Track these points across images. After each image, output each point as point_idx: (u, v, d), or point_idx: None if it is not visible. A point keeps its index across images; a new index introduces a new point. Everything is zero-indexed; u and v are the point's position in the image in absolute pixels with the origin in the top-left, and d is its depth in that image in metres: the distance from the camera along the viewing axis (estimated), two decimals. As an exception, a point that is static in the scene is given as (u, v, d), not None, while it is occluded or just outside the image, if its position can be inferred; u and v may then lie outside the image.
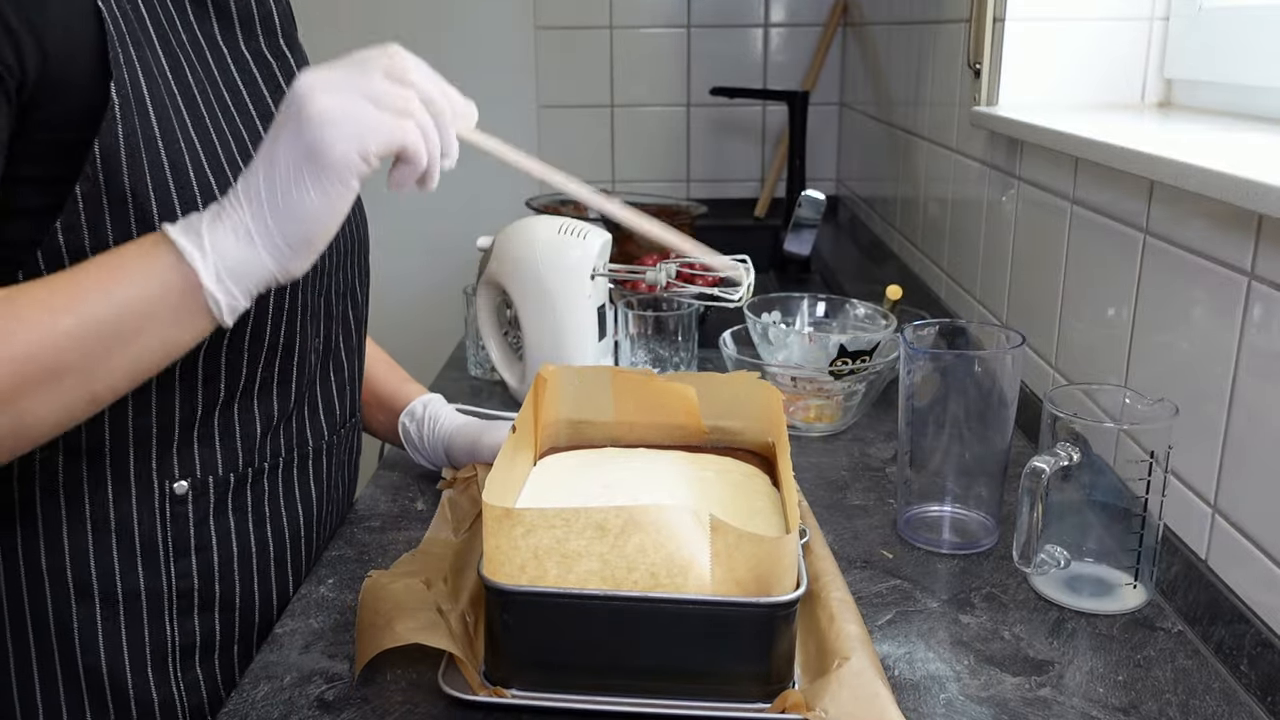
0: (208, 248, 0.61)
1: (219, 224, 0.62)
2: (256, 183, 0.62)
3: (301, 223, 0.62)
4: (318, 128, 0.60)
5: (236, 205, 0.62)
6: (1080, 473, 0.78)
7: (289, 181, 0.61)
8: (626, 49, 2.36)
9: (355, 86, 0.61)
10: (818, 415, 1.13)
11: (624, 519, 0.63)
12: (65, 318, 0.60)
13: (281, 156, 0.61)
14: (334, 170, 0.61)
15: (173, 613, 0.79)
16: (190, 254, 0.61)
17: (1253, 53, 1.01)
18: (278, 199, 0.61)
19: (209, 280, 0.61)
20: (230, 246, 0.61)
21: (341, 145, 0.60)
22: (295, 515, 0.86)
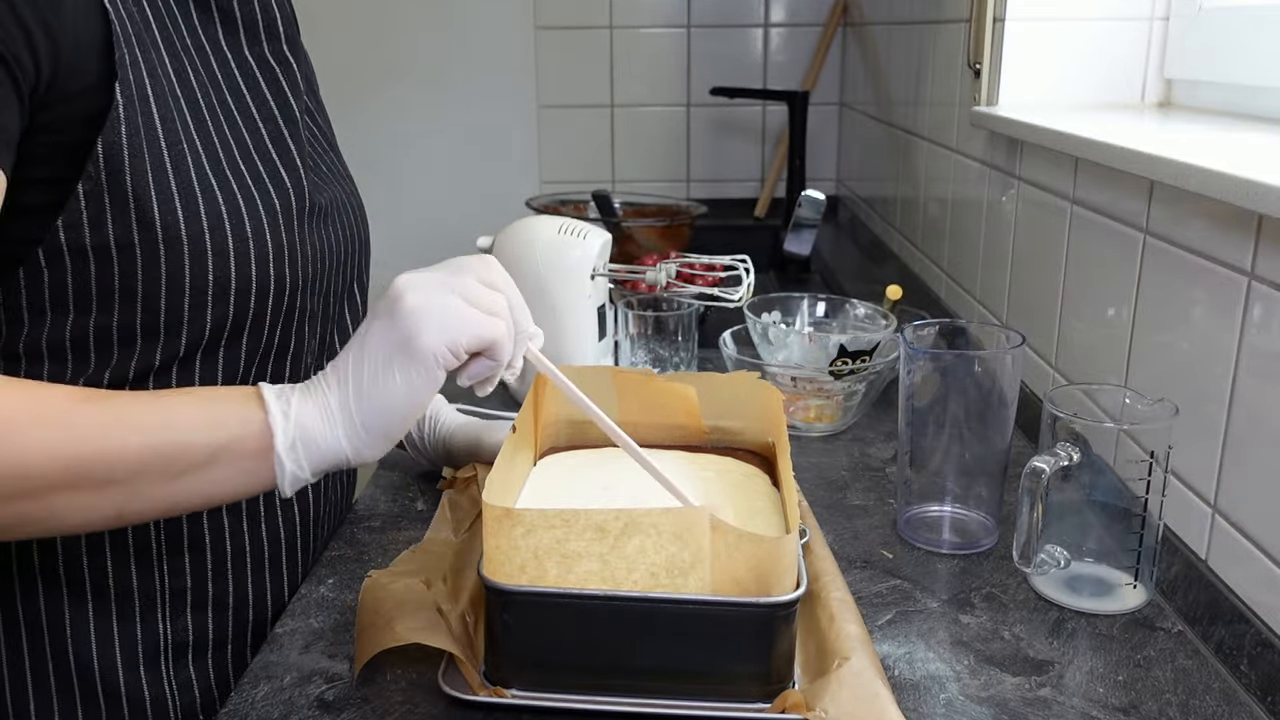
0: (292, 415, 0.63)
1: (307, 398, 0.64)
2: (346, 367, 0.64)
3: (383, 412, 0.64)
4: (412, 319, 0.63)
5: (326, 385, 0.64)
6: (1080, 473, 0.78)
7: (377, 369, 0.63)
8: (626, 49, 2.36)
9: (450, 286, 0.64)
10: (818, 415, 1.13)
11: (624, 520, 0.63)
12: (134, 436, 0.61)
13: (373, 345, 0.64)
14: (422, 360, 0.63)
15: (165, 611, 0.79)
16: (275, 417, 0.63)
17: (1253, 53, 1.02)
18: (364, 384, 0.63)
19: (282, 447, 0.63)
20: (311, 420, 0.63)
21: (432, 336, 0.63)
22: (291, 516, 0.85)
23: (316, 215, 0.82)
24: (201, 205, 0.71)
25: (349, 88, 2.31)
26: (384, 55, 2.35)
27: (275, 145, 0.79)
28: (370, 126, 2.35)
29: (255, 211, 0.74)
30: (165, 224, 0.69)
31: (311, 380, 0.65)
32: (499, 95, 2.38)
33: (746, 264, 1.44)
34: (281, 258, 0.76)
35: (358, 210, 0.91)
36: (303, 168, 0.80)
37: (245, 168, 0.76)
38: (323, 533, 0.91)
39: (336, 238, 0.85)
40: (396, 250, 2.06)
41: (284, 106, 0.81)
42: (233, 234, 0.72)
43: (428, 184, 2.42)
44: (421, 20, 2.33)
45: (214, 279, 0.72)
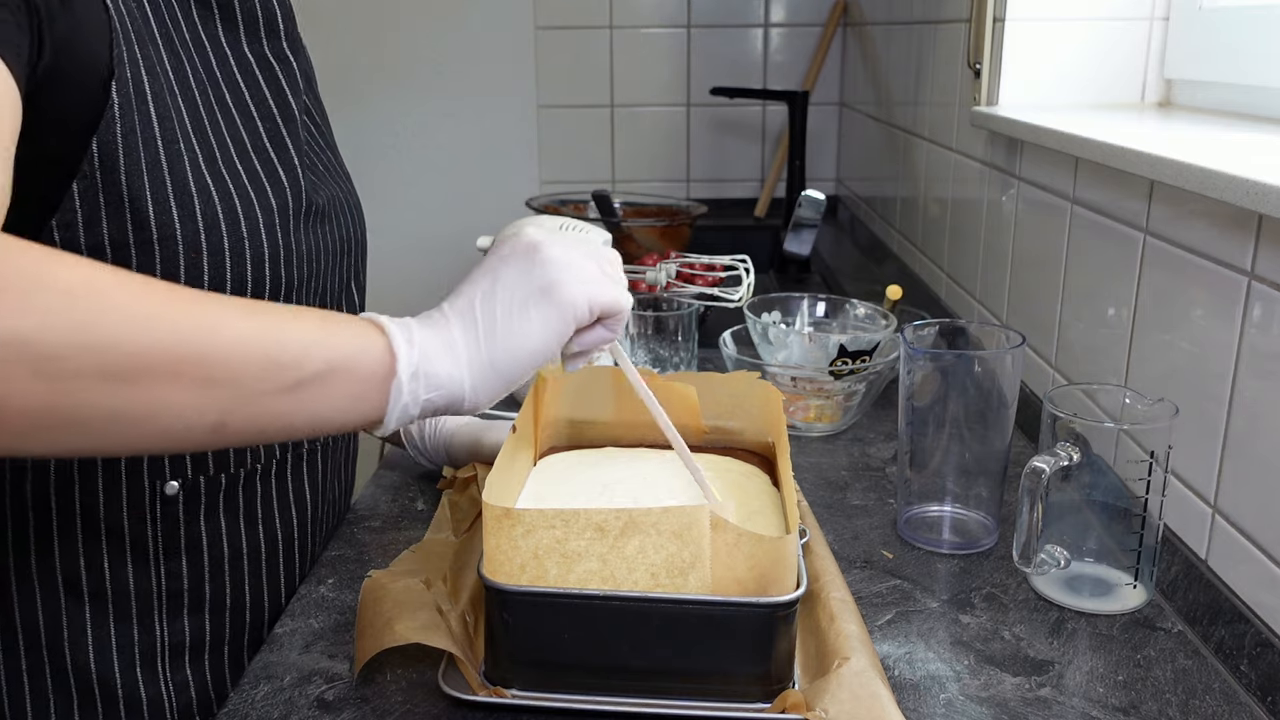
0: (415, 342, 0.59)
1: (428, 328, 0.61)
2: (473, 304, 0.62)
3: (513, 353, 0.61)
4: (555, 268, 0.61)
5: (446, 320, 0.61)
6: (1080, 473, 0.78)
7: (512, 309, 0.61)
8: (626, 49, 2.36)
9: (584, 251, 0.63)
10: (818, 415, 1.13)
11: (624, 520, 0.63)
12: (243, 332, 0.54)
13: (508, 284, 0.61)
14: (563, 309, 0.61)
15: (162, 613, 0.79)
16: (397, 341, 0.59)
17: (1253, 53, 1.02)
18: (496, 322, 0.61)
19: (404, 372, 0.58)
20: (435, 352, 0.60)
21: (576, 288, 0.62)
22: (289, 517, 0.85)
23: (313, 215, 0.82)
24: (197, 205, 0.71)
25: (349, 87, 2.31)
26: (383, 54, 2.35)
27: (273, 144, 0.79)
28: (370, 126, 2.35)
29: (252, 212, 0.74)
30: (160, 224, 0.69)
31: (424, 315, 0.61)
32: (499, 95, 2.38)
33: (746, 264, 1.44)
34: (277, 258, 0.76)
35: (355, 209, 0.91)
36: (300, 167, 0.80)
37: (242, 167, 0.75)
38: (321, 534, 0.90)
39: (333, 237, 0.85)
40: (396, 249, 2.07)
41: (283, 105, 0.81)
42: (228, 234, 0.72)
43: (427, 183, 2.42)
44: (421, 20, 2.33)
45: (209, 279, 0.72)
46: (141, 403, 0.52)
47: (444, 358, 0.60)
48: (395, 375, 0.58)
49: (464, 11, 2.33)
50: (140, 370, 0.51)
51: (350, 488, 0.98)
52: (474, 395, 0.61)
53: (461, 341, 0.60)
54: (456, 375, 0.60)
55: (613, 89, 2.38)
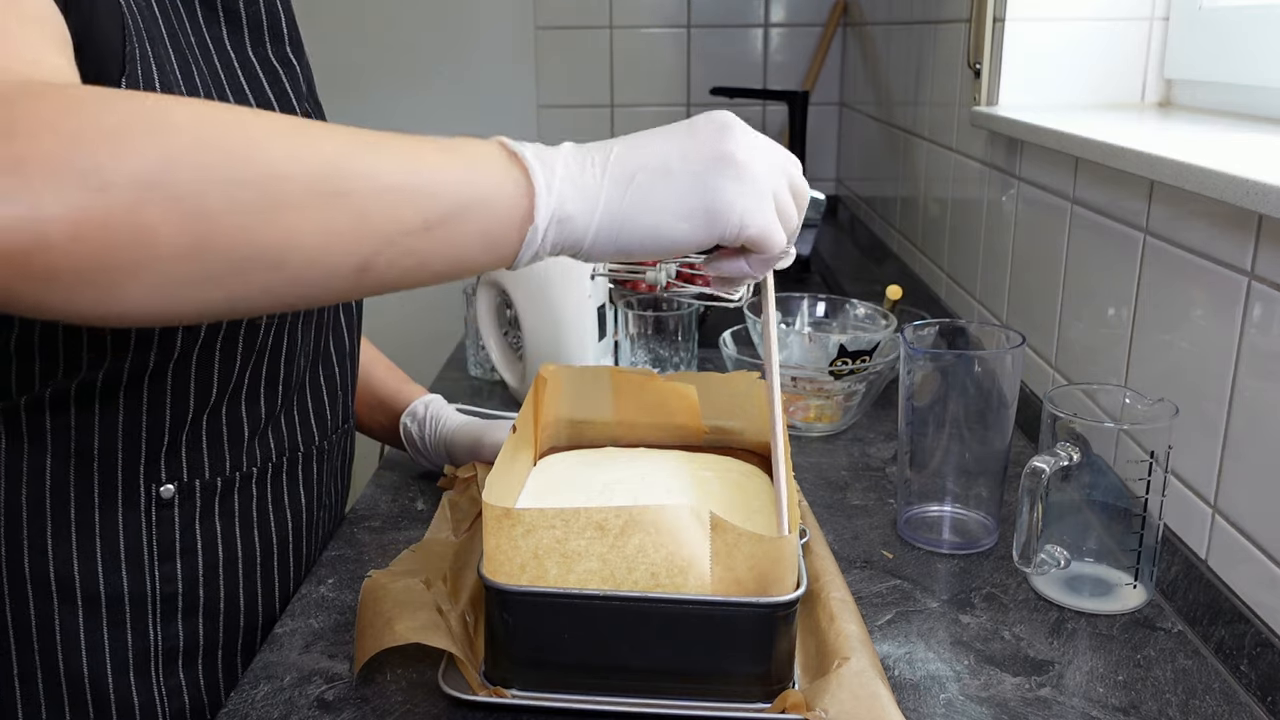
0: (555, 189, 0.55)
1: (570, 173, 0.56)
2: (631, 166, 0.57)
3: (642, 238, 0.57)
4: (730, 174, 0.57)
5: (595, 167, 0.57)
6: (1080, 473, 0.78)
7: (666, 195, 0.57)
8: (626, 49, 2.36)
9: (769, 170, 0.59)
10: (818, 415, 1.13)
11: (624, 519, 0.63)
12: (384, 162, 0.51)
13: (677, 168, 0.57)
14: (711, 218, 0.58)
15: (156, 617, 0.78)
16: (539, 187, 0.55)
17: (1253, 53, 1.02)
18: (642, 197, 0.57)
19: (541, 220, 0.55)
20: (572, 199, 0.56)
21: (736, 209, 0.58)
22: (284, 521, 0.85)
23: None
24: None
25: (348, 87, 2.31)
26: (383, 55, 2.35)
27: None
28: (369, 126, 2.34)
29: None
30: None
31: (577, 149, 0.57)
32: (499, 95, 2.37)
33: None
34: None
35: None
36: None
37: None
38: (316, 538, 0.90)
39: None
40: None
41: (286, 109, 0.81)
42: None
43: (428, 184, 2.41)
44: (421, 20, 2.33)
45: None
46: (280, 238, 0.49)
47: (579, 205, 0.56)
48: (533, 220, 0.55)
49: (464, 11, 2.33)
50: (278, 202, 0.48)
51: (346, 492, 0.98)
52: (588, 253, 0.58)
53: (605, 195, 0.56)
54: (586, 226, 0.56)
55: (613, 89, 2.38)
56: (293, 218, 0.48)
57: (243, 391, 0.79)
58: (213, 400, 0.77)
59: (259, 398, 0.80)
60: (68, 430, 0.73)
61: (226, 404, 0.78)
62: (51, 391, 0.73)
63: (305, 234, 0.49)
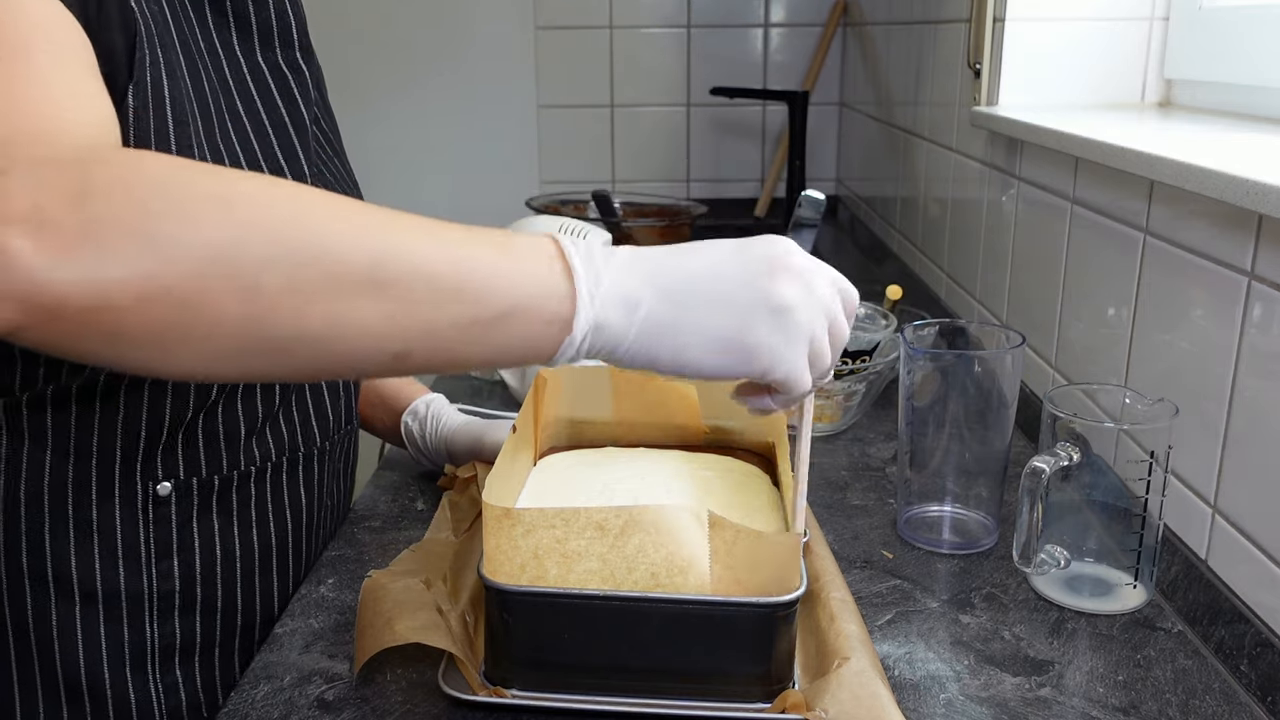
0: (597, 302, 0.55)
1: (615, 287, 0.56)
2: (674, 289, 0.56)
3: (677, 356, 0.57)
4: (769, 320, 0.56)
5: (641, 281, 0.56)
6: (1080, 473, 0.78)
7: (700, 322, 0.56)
8: (626, 49, 2.36)
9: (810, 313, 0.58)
10: (818, 415, 1.13)
11: (624, 519, 0.63)
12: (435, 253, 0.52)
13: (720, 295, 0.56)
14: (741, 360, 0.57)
15: (153, 614, 0.79)
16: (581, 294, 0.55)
17: (1253, 53, 1.02)
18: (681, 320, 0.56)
19: (580, 329, 0.55)
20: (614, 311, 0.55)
21: (766, 353, 0.57)
22: (283, 520, 0.85)
23: None
24: None
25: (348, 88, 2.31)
26: (383, 55, 2.35)
27: (285, 154, 0.79)
28: (370, 126, 2.35)
29: None
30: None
31: (630, 256, 0.57)
32: (499, 95, 2.37)
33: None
34: None
35: None
36: (310, 177, 0.80)
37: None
38: (317, 539, 0.90)
39: None
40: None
41: (295, 115, 0.81)
42: None
43: (427, 184, 2.42)
44: (421, 20, 2.33)
45: None
46: (327, 322, 0.50)
47: (619, 316, 0.56)
48: (572, 331, 0.55)
49: (464, 11, 2.33)
50: (334, 287, 0.50)
51: (349, 493, 0.98)
52: (623, 358, 0.58)
53: (646, 309, 0.56)
54: (623, 336, 0.56)
55: (613, 89, 2.38)
56: (345, 303, 0.50)
57: (239, 390, 0.79)
58: (210, 399, 0.77)
59: (255, 397, 0.80)
60: (67, 427, 0.74)
61: (224, 403, 0.78)
62: (53, 390, 0.73)
63: (354, 319, 0.51)
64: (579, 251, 0.56)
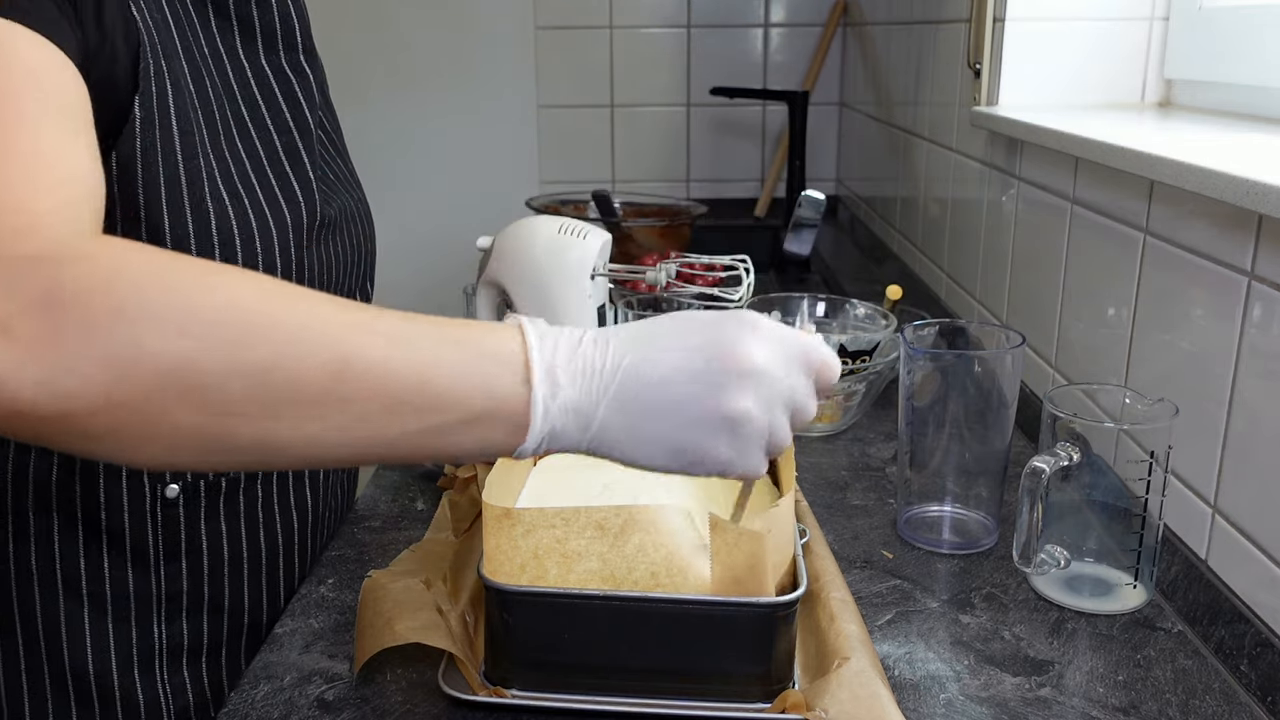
0: (554, 412, 0.55)
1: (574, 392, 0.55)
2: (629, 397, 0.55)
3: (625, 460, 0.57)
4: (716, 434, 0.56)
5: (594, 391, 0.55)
6: (1080, 473, 0.78)
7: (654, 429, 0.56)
8: (626, 49, 2.36)
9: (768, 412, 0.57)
10: (818, 415, 1.13)
11: (624, 519, 0.63)
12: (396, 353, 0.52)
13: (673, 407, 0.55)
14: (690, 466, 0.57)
15: (161, 615, 0.79)
16: (536, 408, 0.54)
17: (1253, 53, 1.01)
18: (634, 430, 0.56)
19: (532, 440, 0.55)
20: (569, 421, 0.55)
21: (713, 463, 0.57)
22: (289, 521, 0.85)
23: (325, 227, 0.82)
24: (213, 220, 0.71)
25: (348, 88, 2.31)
26: (384, 56, 2.35)
27: (289, 158, 0.79)
28: (370, 127, 2.35)
29: (266, 227, 0.74)
30: (175, 237, 0.69)
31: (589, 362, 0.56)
32: (499, 95, 2.38)
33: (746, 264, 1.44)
34: (289, 273, 0.76)
35: (365, 217, 0.91)
36: (314, 181, 0.80)
37: (258, 182, 0.75)
38: (322, 537, 0.90)
39: (344, 248, 0.85)
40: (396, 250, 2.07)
41: (299, 119, 0.81)
42: (243, 249, 0.72)
43: (428, 184, 2.42)
44: (421, 21, 2.33)
45: None
46: (285, 433, 0.51)
47: (574, 429, 0.56)
48: (524, 441, 0.55)
49: (464, 11, 2.33)
50: (287, 403, 0.50)
51: (353, 492, 0.98)
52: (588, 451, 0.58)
53: (599, 424, 0.56)
54: (577, 444, 0.57)
55: (613, 89, 2.38)
56: (304, 415, 0.51)
57: None
58: None
59: None
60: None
61: None
62: None
63: (312, 430, 0.51)
64: (541, 357, 0.55)
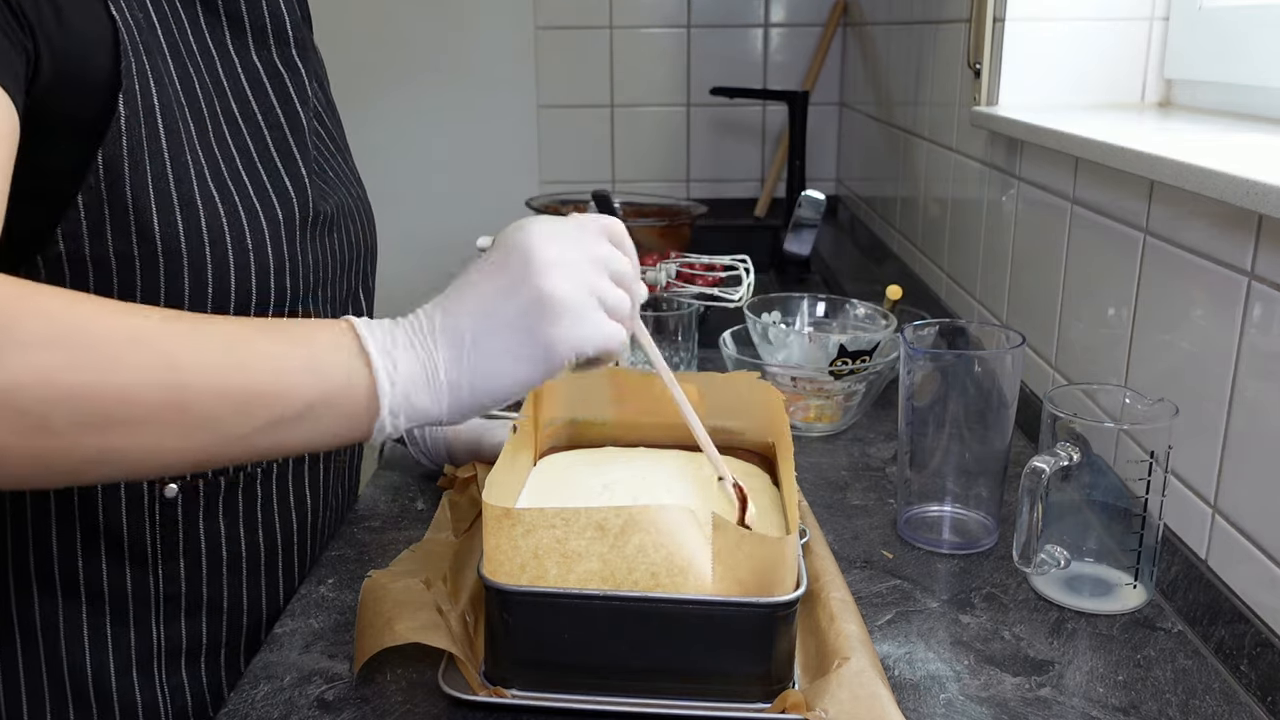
0: (399, 381, 0.58)
1: (412, 354, 0.59)
2: (461, 330, 0.59)
3: (493, 392, 0.60)
4: (550, 312, 0.59)
5: (433, 343, 0.59)
6: (1080, 473, 0.78)
7: (499, 350, 0.59)
8: (626, 49, 2.36)
9: (585, 282, 0.60)
10: (818, 415, 1.13)
11: (624, 519, 0.63)
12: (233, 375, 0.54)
13: (499, 320, 0.59)
14: (551, 360, 0.60)
15: (160, 616, 0.79)
16: (381, 382, 0.57)
17: (1253, 53, 1.02)
18: (480, 360, 0.59)
19: (386, 413, 0.58)
20: (417, 387, 0.58)
21: (567, 342, 0.59)
22: (288, 521, 0.85)
23: (320, 224, 0.81)
24: (203, 218, 0.71)
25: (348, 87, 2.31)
26: (384, 55, 2.35)
27: (280, 153, 0.79)
28: (370, 126, 2.35)
29: (257, 224, 0.74)
30: (165, 236, 0.69)
31: (412, 325, 0.60)
32: (499, 95, 2.38)
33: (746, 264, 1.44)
34: (282, 270, 0.76)
35: (365, 215, 0.91)
36: (307, 175, 0.80)
37: (248, 177, 0.75)
38: (321, 537, 0.90)
39: (341, 244, 0.85)
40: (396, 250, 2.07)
41: (290, 114, 0.80)
42: (233, 247, 0.72)
43: (428, 184, 2.42)
44: (421, 20, 2.33)
45: (213, 291, 0.72)
46: (121, 448, 0.52)
47: (425, 391, 0.59)
48: (378, 416, 0.58)
49: (464, 11, 2.33)
50: (119, 419, 0.52)
51: (354, 492, 0.98)
52: (449, 418, 0.61)
53: (444, 368, 0.59)
54: (436, 405, 0.60)
55: (613, 89, 2.38)
56: (137, 429, 0.52)
57: None
58: None
59: None
60: None
61: None
62: None
63: (149, 441, 0.52)
64: (374, 338, 0.58)
